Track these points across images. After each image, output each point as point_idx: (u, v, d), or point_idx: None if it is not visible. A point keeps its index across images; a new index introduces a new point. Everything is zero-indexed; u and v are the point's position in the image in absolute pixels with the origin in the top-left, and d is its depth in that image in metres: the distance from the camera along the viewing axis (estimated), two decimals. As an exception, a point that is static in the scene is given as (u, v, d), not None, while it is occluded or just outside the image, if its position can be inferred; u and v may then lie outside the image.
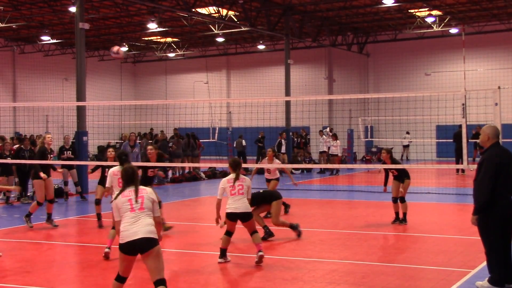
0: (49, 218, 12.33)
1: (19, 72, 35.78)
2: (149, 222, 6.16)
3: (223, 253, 8.95)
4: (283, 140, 25.90)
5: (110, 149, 12.55)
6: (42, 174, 12.10)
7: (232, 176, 8.94)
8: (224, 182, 8.96)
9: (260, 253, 8.72)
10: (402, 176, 11.90)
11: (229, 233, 8.92)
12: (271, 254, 9.51)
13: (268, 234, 10.66)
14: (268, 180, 14.03)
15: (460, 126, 24.04)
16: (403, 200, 11.93)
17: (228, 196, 8.86)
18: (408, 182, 11.87)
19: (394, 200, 12.04)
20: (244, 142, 29.27)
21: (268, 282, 7.89)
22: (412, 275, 8.16)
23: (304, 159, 27.69)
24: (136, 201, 6.19)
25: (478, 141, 24.24)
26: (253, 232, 8.88)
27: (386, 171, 12.39)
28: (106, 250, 9.21)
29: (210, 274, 8.41)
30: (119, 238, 6.17)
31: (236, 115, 34.56)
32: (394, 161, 12.07)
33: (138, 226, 6.08)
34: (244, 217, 8.81)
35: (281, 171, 14.81)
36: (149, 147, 11.75)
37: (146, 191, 6.34)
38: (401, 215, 12.06)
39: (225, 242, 8.93)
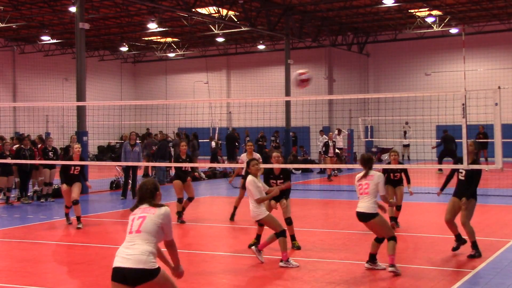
0: (77, 219, 12.26)
1: (19, 72, 35.78)
2: (144, 250, 5.04)
3: (372, 258, 8.42)
4: (330, 142, 23.43)
5: (183, 143, 13.22)
6: (63, 187, 12.37)
7: (361, 174, 8.42)
8: (355, 179, 8.51)
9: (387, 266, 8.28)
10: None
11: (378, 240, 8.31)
12: (271, 254, 9.50)
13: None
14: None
15: (445, 130, 24.41)
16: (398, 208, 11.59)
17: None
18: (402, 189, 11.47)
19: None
20: (214, 144, 28.74)
21: (268, 282, 7.89)
22: (412, 275, 8.16)
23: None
24: (137, 221, 5.19)
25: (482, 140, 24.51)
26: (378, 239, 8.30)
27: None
28: None
29: (210, 274, 8.40)
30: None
31: (236, 115, 34.58)
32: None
33: (130, 252, 5.06)
34: (362, 217, 8.27)
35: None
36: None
37: (154, 211, 5.21)
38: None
39: (373, 247, 8.38)
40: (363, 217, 8.22)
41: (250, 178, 8.79)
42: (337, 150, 24.48)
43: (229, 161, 25.28)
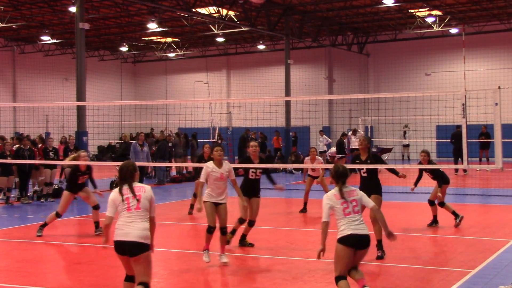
0: (96, 227, 11.33)
1: (19, 72, 35.78)
2: (144, 226, 6.01)
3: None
4: (345, 141, 23.28)
5: (207, 145, 13.33)
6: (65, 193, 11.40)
7: (336, 189, 6.73)
8: (331, 198, 6.71)
9: None
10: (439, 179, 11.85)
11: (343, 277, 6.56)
12: (271, 254, 9.51)
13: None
14: (313, 177, 14.21)
15: (458, 126, 24.17)
16: (442, 204, 11.85)
17: (340, 217, 6.74)
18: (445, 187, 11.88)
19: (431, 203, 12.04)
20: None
21: (268, 282, 7.89)
22: (412, 275, 8.16)
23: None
24: (133, 200, 6.05)
25: (484, 140, 24.46)
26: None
27: (420, 171, 12.13)
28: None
29: (210, 274, 8.40)
30: (114, 235, 6.07)
31: (236, 115, 34.51)
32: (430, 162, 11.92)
33: (131, 228, 5.97)
34: (367, 241, 6.69)
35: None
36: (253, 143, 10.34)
37: (145, 189, 6.15)
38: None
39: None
40: (368, 241, 6.72)
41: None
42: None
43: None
